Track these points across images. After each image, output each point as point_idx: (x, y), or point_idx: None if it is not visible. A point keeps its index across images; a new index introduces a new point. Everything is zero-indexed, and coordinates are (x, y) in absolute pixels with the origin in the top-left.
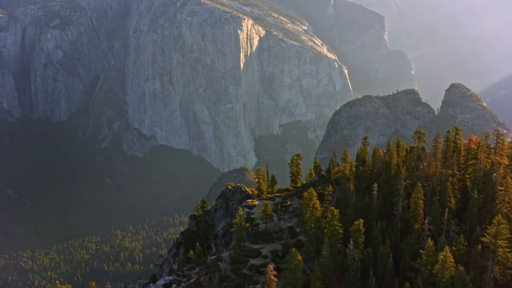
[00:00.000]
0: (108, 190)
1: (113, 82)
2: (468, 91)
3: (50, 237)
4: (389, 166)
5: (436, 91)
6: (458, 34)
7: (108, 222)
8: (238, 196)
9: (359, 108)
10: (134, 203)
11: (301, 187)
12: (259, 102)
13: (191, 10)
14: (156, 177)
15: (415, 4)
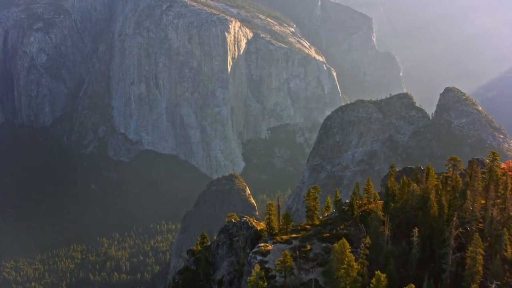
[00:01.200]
0: (93, 197)
1: (98, 86)
2: (463, 95)
3: (34, 246)
4: (428, 204)
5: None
6: (445, 35)
7: (94, 230)
8: (244, 233)
9: (351, 113)
10: (120, 210)
11: (319, 225)
12: (246, 105)
13: (178, 13)
14: (143, 183)
15: (403, 5)
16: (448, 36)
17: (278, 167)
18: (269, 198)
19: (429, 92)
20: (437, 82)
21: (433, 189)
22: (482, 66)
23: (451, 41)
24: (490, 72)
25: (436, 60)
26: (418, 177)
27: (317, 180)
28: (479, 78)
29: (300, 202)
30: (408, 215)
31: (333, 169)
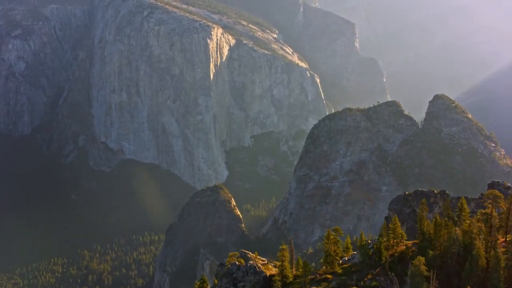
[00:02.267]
0: (74, 208)
1: (78, 94)
2: (453, 103)
3: (12, 259)
4: (473, 252)
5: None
6: (426, 40)
7: (75, 242)
8: (251, 279)
9: (339, 122)
10: (102, 221)
11: (343, 274)
12: (229, 113)
13: (159, 19)
14: (124, 193)
15: (384, 10)
16: (428, 41)
17: (262, 175)
18: (253, 208)
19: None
20: (418, 87)
21: (477, 233)
22: (463, 71)
23: (432, 46)
24: (472, 77)
25: (417, 65)
26: (459, 219)
27: (304, 191)
28: (461, 83)
29: (287, 214)
30: (449, 265)
31: (321, 179)
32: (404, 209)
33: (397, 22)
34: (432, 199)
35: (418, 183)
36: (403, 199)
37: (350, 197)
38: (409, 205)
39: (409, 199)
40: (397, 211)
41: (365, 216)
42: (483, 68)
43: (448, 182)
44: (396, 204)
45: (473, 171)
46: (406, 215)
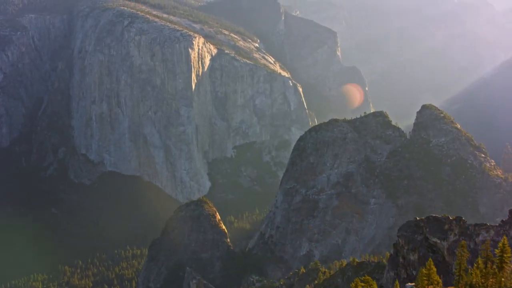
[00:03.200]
0: (54, 222)
1: (57, 105)
2: (441, 113)
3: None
4: None
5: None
6: (406, 48)
7: (55, 257)
8: None
9: (325, 133)
10: (83, 235)
11: None
12: (211, 123)
13: (139, 29)
14: (105, 206)
15: (364, 18)
16: (409, 49)
17: (244, 186)
18: (236, 220)
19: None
20: (401, 95)
21: None
22: (445, 78)
23: (413, 54)
24: (454, 85)
25: (399, 73)
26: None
27: (291, 204)
28: (443, 90)
29: (274, 228)
30: None
31: (308, 192)
32: (416, 236)
33: (377, 31)
34: (446, 225)
35: (407, 195)
36: (414, 225)
37: (338, 210)
38: (421, 231)
39: (420, 225)
40: (407, 238)
41: (354, 230)
42: (465, 76)
43: (438, 193)
44: (406, 231)
45: (463, 182)
46: (418, 243)
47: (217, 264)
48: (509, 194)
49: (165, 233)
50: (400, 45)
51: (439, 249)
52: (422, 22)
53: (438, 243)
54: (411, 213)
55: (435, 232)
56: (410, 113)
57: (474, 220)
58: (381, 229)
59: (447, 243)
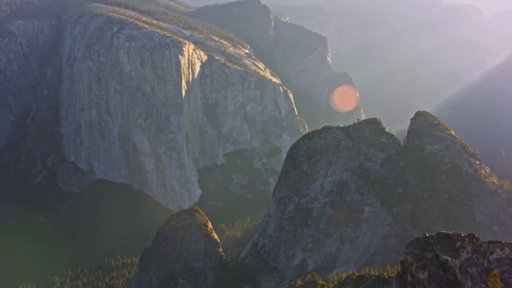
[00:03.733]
0: (43, 231)
1: (46, 112)
2: (435, 120)
3: None
4: None
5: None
6: (396, 54)
7: (44, 266)
8: None
9: (318, 141)
10: (72, 244)
11: None
12: (202, 131)
13: (129, 35)
14: (95, 214)
15: (354, 24)
16: (399, 55)
17: (235, 194)
18: (228, 228)
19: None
20: (391, 101)
21: None
22: (434, 84)
23: (403, 60)
24: (443, 91)
25: (389, 79)
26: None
27: (284, 213)
28: (433, 96)
29: (267, 237)
30: None
31: (301, 201)
32: (425, 253)
33: (367, 37)
34: (458, 242)
35: (402, 203)
36: (424, 242)
37: (332, 218)
38: (431, 248)
39: (430, 242)
40: (416, 255)
41: (348, 239)
42: (455, 81)
43: (433, 201)
44: (414, 248)
45: (458, 190)
46: (428, 260)
47: (210, 274)
48: (506, 202)
49: (156, 243)
50: (390, 51)
51: (450, 267)
52: (411, 28)
53: (450, 261)
54: (406, 222)
55: (446, 250)
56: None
57: (470, 228)
58: (376, 238)
59: (459, 261)
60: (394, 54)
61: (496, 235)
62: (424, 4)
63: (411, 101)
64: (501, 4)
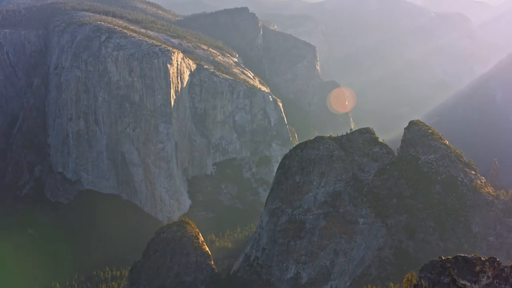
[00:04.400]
0: (30, 242)
1: (33, 122)
2: (429, 129)
3: None
4: None
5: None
6: (384, 62)
7: (31, 279)
8: None
9: (311, 151)
10: (60, 256)
11: None
12: (191, 140)
13: (117, 44)
14: (83, 225)
15: (342, 32)
16: (387, 63)
17: (225, 204)
18: (218, 238)
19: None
20: (378, 110)
21: None
22: (423, 92)
23: (391, 68)
24: (432, 99)
25: (376, 88)
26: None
27: (277, 225)
28: (421, 104)
29: (260, 250)
30: None
31: (294, 212)
32: (442, 278)
33: (355, 45)
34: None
35: (397, 215)
36: (440, 266)
37: (326, 230)
38: (448, 273)
39: (447, 265)
40: (432, 280)
41: (342, 251)
42: (443, 89)
43: (429, 212)
44: (430, 272)
45: (453, 200)
46: (445, 286)
47: (201, 287)
48: (502, 212)
49: (146, 256)
50: (378, 59)
51: None
52: (399, 35)
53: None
54: (401, 233)
55: (465, 274)
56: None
57: (466, 239)
58: (371, 250)
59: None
60: (383, 62)
61: (493, 247)
62: (412, 12)
63: (400, 109)
64: (487, 12)
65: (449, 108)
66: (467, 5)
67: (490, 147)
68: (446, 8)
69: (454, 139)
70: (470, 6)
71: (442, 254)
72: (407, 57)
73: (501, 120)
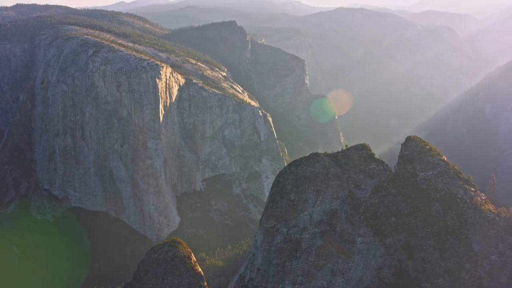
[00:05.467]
0: (16, 262)
1: (18, 138)
2: (427, 145)
3: None
4: None
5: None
6: (372, 75)
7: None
8: None
9: (306, 168)
10: (47, 276)
11: None
12: (180, 156)
13: (105, 58)
14: (71, 244)
15: (329, 46)
16: (375, 76)
17: (215, 220)
18: (208, 256)
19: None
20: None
21: None
22: (410, 105)
23: (378, 81)
24: (420, 111)
25: (364, 101)
26: None
27: (272, 244)
28: (409, 117)
29: (254, 270)
30: None
31: (290, 231)
32: None
33: (342, 58)
34: None
35: (396, 233)
36: None
37: (322, 250)
38: None
39: None
40: None
41: (340, 271)
42: (430, 102)
43: (428, 231)
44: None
45: (454, 218)
46: None
47: None
48: (504, 230)
49: (137, 277)
50: (366, 72)
51: None
52: (386, 48)
53: None
54: (401, 253)
55: None
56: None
57: (467, 258)
58: (369, 270)
59: None
60: (370, 75)
61: (495, 266)
62: (399, 25)
63: (389, 121)
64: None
65: (438, 121)
66: (454, 18)
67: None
68: (433, 21)
69: (443, 152)
70: (457, 19)
71: (443, 274)
72: (394, 70)
73: (490, 133)
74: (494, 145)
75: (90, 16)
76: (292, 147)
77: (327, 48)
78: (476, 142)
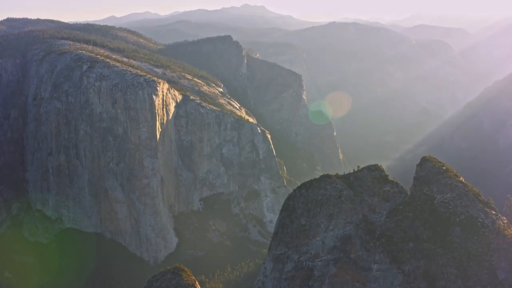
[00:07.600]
0: (7, 286)
1: (10, 156)
2: (443, 166)
3: None
4: None
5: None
6: (367, 90)
7: None
8: None
9: (317, 191)
10: None
11: None
12: (177, 175)
13: (100, 74)
14: (65, 267)
15: (324, 61)
16: (370, 91)
17: (214, 241)
18: (207, 279)
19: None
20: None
21: None
22: (406, 120)
23: (373, 96)
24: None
25: (360, 116)
26: None
27: (282, 272)
28: (405, 132)
29: None
30: None
31: (301, 258)
32: None
33: (336, 73)
34: None
35: (415, 260)
36: None
37: (336, 278)
38: None
39: None
40: None
41: None
42: (426, 117)
43: (449, 258)
44: None
45: (475, 244)
46: None
47: None
48: None
49: None
50: (360, 87)
51: None
52: (381, 63)
53: None
54: (420, 281)
55: None
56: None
57: (492, 287)
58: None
59: None
60: (365, 90)
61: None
62: (393, 40)
63: (385, 137)
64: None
65: (436, 137)
66: (447, 33)
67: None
68: (425, 35)
69: None
70: (450, 34)
71: None
72: (389, 85)
73: (490, 148)
74: (493, 161)
75: (82, 30)
76: (290, 164)
77: (321, 62)
78: (475, 157)
